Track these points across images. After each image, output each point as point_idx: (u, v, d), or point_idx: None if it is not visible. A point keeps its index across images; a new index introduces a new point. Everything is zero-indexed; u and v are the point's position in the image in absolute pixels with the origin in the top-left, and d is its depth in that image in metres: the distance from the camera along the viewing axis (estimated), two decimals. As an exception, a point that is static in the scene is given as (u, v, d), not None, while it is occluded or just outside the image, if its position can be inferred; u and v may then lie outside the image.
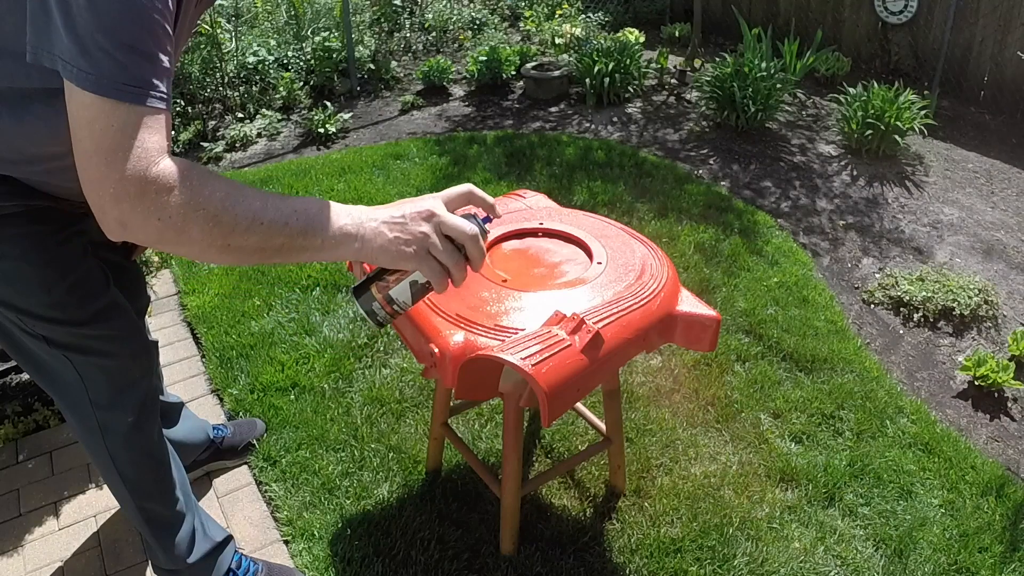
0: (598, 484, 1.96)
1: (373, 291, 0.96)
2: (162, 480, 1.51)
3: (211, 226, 0.83)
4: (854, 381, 2.37)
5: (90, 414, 1.37)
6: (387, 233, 0.91)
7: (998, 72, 4.52)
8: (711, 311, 1.41)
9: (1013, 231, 3.35)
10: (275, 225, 0.86)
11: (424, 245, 0.92)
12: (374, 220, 0.92)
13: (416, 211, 0.93)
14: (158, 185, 0.81)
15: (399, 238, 0.91)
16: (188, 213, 0.82)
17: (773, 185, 3.70)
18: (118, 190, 0.81)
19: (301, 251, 0.89)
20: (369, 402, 2.21)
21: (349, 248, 0.90)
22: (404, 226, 0.92)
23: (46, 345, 1.26)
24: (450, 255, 0.93)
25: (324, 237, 0.89)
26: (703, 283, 2.83)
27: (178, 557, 1.55)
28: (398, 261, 0.92)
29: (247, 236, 0.85)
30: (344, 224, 0.90)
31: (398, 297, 0.96)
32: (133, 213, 0.82)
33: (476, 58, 4.87)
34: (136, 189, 0.81)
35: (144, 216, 0.82)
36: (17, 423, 2.15)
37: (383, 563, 1.74)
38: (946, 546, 1.85)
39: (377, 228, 0.91)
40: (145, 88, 0.83)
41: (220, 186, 0.85)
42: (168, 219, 0.82)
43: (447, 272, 0.94)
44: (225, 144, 4.04)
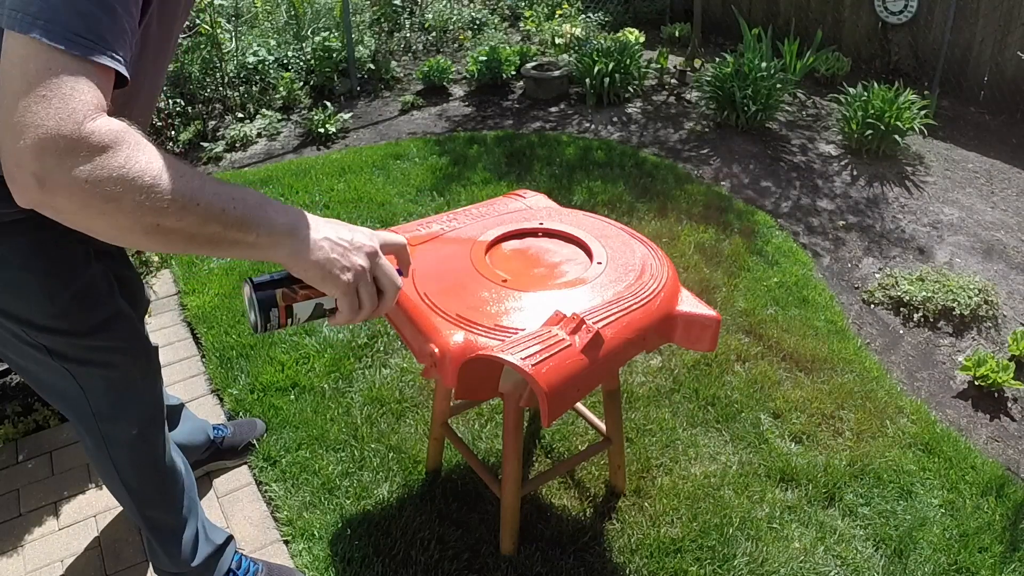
0: (598, 484, 1.96)
1: (278, 297, 0.90)
2: (167, 489, 1.50)
3: (143, 198, 0.74)
4: (854, 381, 2.37)
5: (93, 425, 1.34)
6: (328, 251, 0.86)
7: (998, 72, 4.52)
8: (711, 311, 1.41)
9: (1013, 231, 3.35)
10: (212, 210, 0.79)
11: (358, 279, 0.89)
12: (317, 231, 0.87)
13: (362, 243, 0.89)
14: (92, 141, 0.72)
15: (337, 261, 0.87)
16: (123, 179, 0.73)
17: (773, 185, 3.70)
18: (43, 140, 0.70)
19: (232, 245, 0.82)
20: (369, 402, 2.21)
21: (282, 251, 0.85)
22: (346, 252, 0.88)
23: (47, 356, 1.22)
24: (371, 297, 0.91)
25: (260, 233, 0.83)
26: (703, 283, 2.83)
27: (182, 561, 1.54)
28: (325, 282, 0.87)
29: (180, 217, 0.77)
30: (283, 223, 0.84)
31: (298, 313, 0.92)
32: (58, 170, 0.71)
33: (476, 58, 4.87)
34: (66, 143, 0.71)
35: (69, 175, 0.71)
36: (17, 423, 2.15)
37: (383, 563, 1.74)
38: (946, 546, 1.85)
39: (318, 242, 0.86)
40: (98, 43, 0.75)
41: (159, 156, 0.77)
42: (98, 183, 0.72)
43: (358, 310, 0.91)
44: (225, 144, 4.04)
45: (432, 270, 1.47)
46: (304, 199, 3.41)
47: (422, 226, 1.64)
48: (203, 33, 4.21)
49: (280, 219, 0.84)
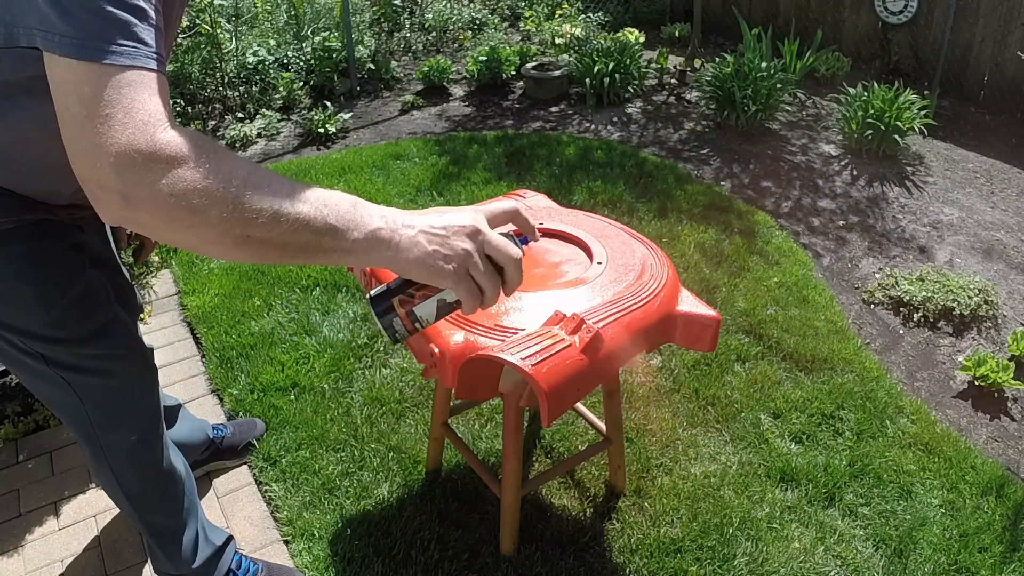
0: (598, 484, 1.96)
1: (395, 305, 0.86)
2: (168, 493, 1.49)
3: (231, 209, 0.70)
4: (854, 381, 2.37)
5: (91, 433, 1.33)
6: (425, 245, 0.80)
7: (998, 72, 4.52)
8: (711, 311, 1.41)
9: (1013, 231, 3.35)
10: (302, 218, 0.74)
11: (465, 264, 0.82)
12: (411, 227, 0.81)
13: (460, 224, 0.82)
14: (169, 153, 0.69)
15: (438, 252, 0.81)
16: (208, 190, 0.70)
17: (773, 185, 3.70)
18: (121, 157, 0.68)
19: (327, 252, 0.78)
20: (369, 402, 2.21)
21: (380, 255, 0.80)
22: (445, 240, 0.81)
23: (44, 365, 1.21)
24: (490, 277, 0.83)
25: (355, 239, 0.78)
26: (703, 283, 2.83)
27: (182, 563, 1.54)
28: (433, 277, 0.82)
29: (270, 227, 0.73)
30: (378, 227, 0.79)
31: (422, 315, 0.87)
32: (141, 185, 0.68)
33: (476, 58, 4.87)
34: (144, 156, 0.68)
35: (153, 189, 0.68)
36: (17, 423, 2.15)
37: (383, 563, 1.74)
38: (946, 546, 1.85)
39: (414, 238, 0.80)
40: (140, 47, 0.72)
41: (242, 163, 0.74)
42: (183, 195, 0.69)
43: (481, 294, 0.84)
44: (225, 144, 4.04)
45: (432, 270, 1.47)
46: (304, 199, 3.41)
47: (422, 226, 1.64)
48: (203, 33, 4.21)
49: (373, 223, 0.79)
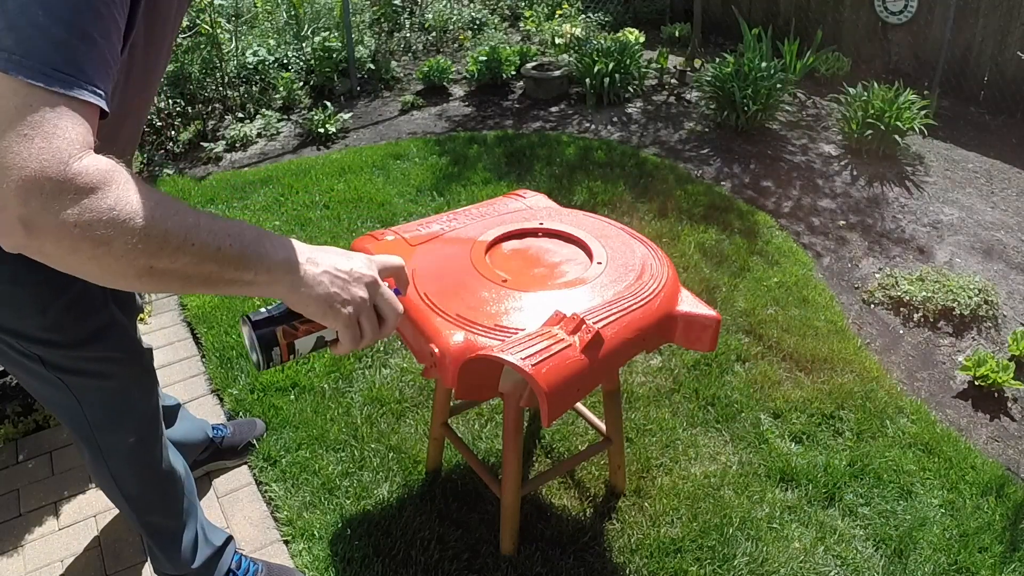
0: (598, 484, 1.96)
1: (279, 335, 0.88)
2: (167, 495, 1.49)
3: (136, 241, 0.70)
4: (854, 381, 2.37)
5: (89, 435, 1.33)
6: (328, 285, 0.84)
7: (998, 72, 4.52)
8: (711, 311, 1.41)
9: (1013, 231, 3.35)
10: (207, 249, 0.75)
11: (359, 311, 0.87)
12: (315, 265, 0.84)
13: (361, 272, 0.88)
14: (80, 183, 0.67)
15: (337, 295, 0.84)
16: (113, 221, 0.69)
17: (773, 185, 3.70)
18: (28, 182, 0.66)
19: (229, 284, 0.78)
20: (369, 402, 2.21)
21: (281, 288, 0.82)
22: (347, 284, 0.85)
23: (41, 367, 1.21)
24: (373, 327, 0.89)
25: (258, 271, 0.79)
26: (703, 283, 2.83)
27: (182, 563, 1.54)
28: (327, 316, 0.85)
29: (175, 258, 0.73)
30: (283, 259, 0.81)
31: (300, 348, 0.90)
32: (44, 213, 0.66)
33: (476, 58, 4.87)
34: (52, 184, 0.66)
35: (57, 219, 0.67)
36: (17, 423, 2.15)
37: (383, 563, 1.74)
38: (946, 546, 1.85)
39: (317, 276, 0.84)
40: (77, 76, 0.71)
41: (151, 194, 0.73)
42: (87, 226, 0.68)
43: (359, 340, 0.89)
44: (225, 144, 4.04)
45: (432, 270, 1.47)
46: (304, 199, 3.41)
47: (422, 226, 1.64)
48: (203, 33, 4.21)
49: (278, 255, 0.81)
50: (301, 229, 3.15)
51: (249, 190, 3.51)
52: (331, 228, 3.15)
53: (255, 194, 3.47)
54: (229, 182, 3.60)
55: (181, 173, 3.76)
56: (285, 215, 3.28)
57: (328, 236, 3.08)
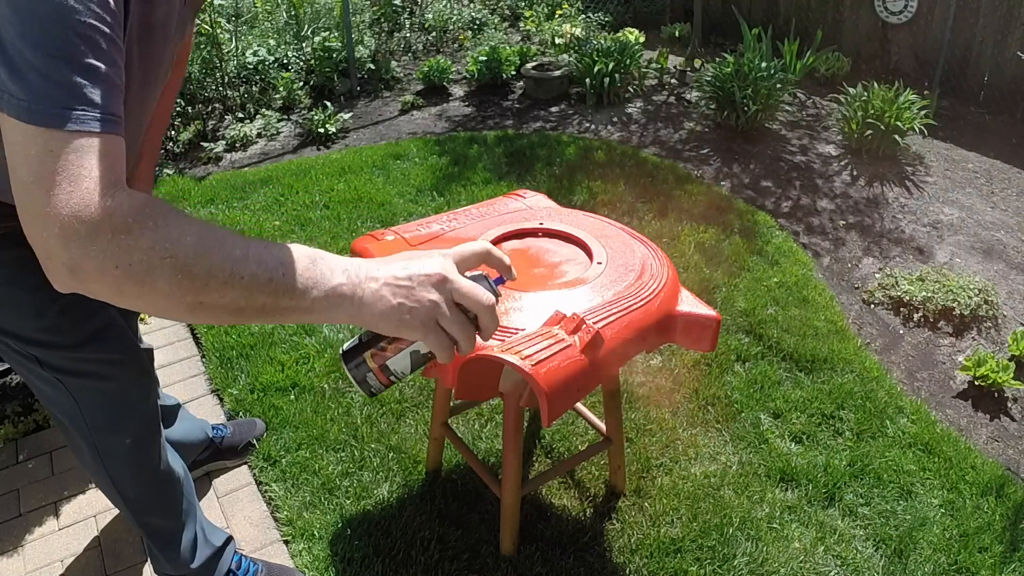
0: (598, 484, 1.96)
1: (367, 359, 0.83)
2: (165, 496, 1.49)
3: (180, 277, 0.69)
4: (854, 381, 2.37)
5: (87, 436, 1.33)
6: (390, 299, 0.77)
7: (998, 72, 4.52)
8: (711, 311, 1.41)
9: (1013, 231, 3.35)
10: (257, 280, 0.72)
11: (433, 315, 0.78)
12: (374, 280, 0.78)
13: (425, 274, 0.79)
14: (114, 223, 0.67)
15: (403, 305, 0.77)
16: (153, 260, 0.68)
17: (773, 185, 3.70)
18: (66, 229, 0.66)
19: (286, 312, 0.75)
20: (369, 402, 2.21)
21: (344, 312, 0.77)
22: (411, 291, 0.78)
23: (39, 367, 1.21)
24: (462, 327, 0.80)
25: (314, 298, 0.75)
26: (703, 283, 2.83)
27: (181, 563, 1.54)
28: (401, 330, 0.79)
29: (224, 292, 0.71)
30: (339, 284, 0.76)
31: (396, 368, 0.84)
32: (86, 257, 0.67)
33: (476, 58, 4.87)
34: (88, 228, 0.67)
35: (99, 261, 0.67)
36: (17, 423, 2.15)
37: (383, 563, 1.74)
38: (946, 546, 1.85)
39: (378, 291, 0.77)
40: (87, 110, 0.70)
41: (191, 228, 0.71)
42: (128, 267, 0.67)
43: (455, 344, 0.81)
44: (225, 144, 4.04)
45: (432, 270, 1.47)
46: (304, 199, 3.41)
47: (422, 226, 1.64)
48: (203, 33, 4.21)
49: (334, 279, 0.76)
50: (301, 229, 3.16)
51: (249, 190, 3.51)
52: (331, 228, 3.15)
53: (255, 194, 3.47)
54: (229, 182, 3.60)
55: (181, 173, 3.76)
56: (285, 215, 3.28)
57: (328, 236, 3.08)
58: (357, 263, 0.79)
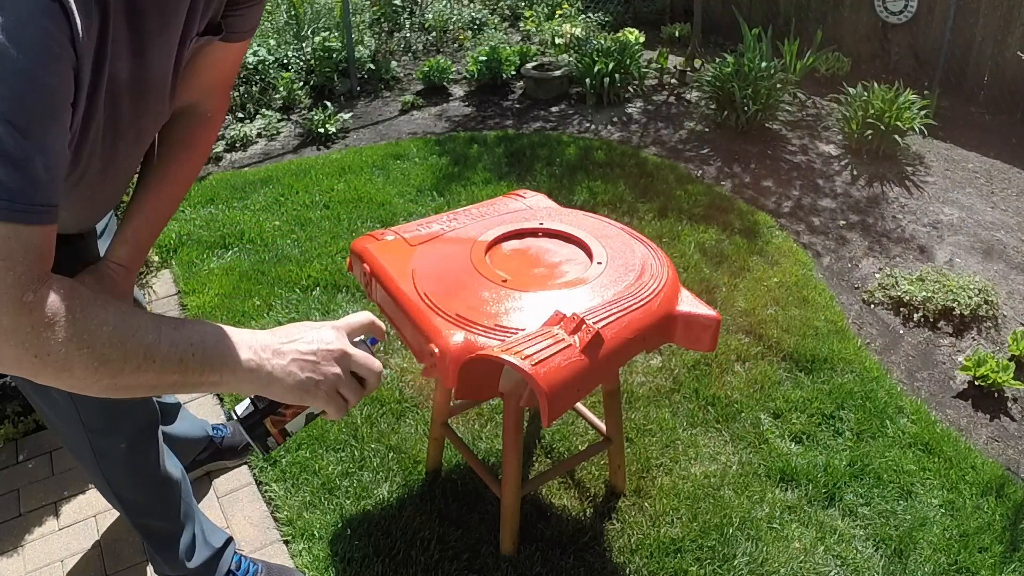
0: (598, 484, 1.96)
1: (268, 426, 0.91)
2: (161, 499, 1.49)
3: (97, 365, 0.73)
4: (854, 381, 2.37)
5: (83, 438, 1.33)
6: (298, 373, 0.84)
7: (998, 72, 4.52)
8: (711, 311, 1.41)
9: (1013, 231, 3.35)
10: (169, 362, 0.77)
11: (336, 385, 0.86)
12: (281, 356, 0.84)
13: (327, 349, 0.86)
14: (35, 317, 0.70)
15: (311, 379, 0.85)
16: (71, 351, 0.72)
17: (773, 185, 3.70)
18: None
19: (197, 386, 0.81)
20: (369, 402, 2.21)
21: (251, 385, 0.83)
22: (316, 366, 0.85)
23: None
24: (355, 391, 0.89)
25: (223, 374, 0.81)
26: (703, 283, 2.83)
27: (179, 565, 1.55)
28: (304, 400, 0.86)
29: (137, 375, 0.76)
30: (247, 359, 0.82)
31: (292, 429, 0.93)
32: (5, 345, 0.70)
33: (476, 58, 4.87)
34: (9, 321, 0.69)
35: (18, 350, 0.70)
36: (17, 423, 2.15)
37: (383, 563, 1.74)
38: (946, 546, 1.85)
39: (286, 368, 0.84)
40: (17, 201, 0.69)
41: (108, 317, 0.74)
42: (47, 356, 0.71)
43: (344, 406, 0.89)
44: (225, 144, 4.04)
45: (432, 270, 1.47)
46: (304, 199, 3.41)
47: (422, 226, 1.64)
48: (203, 33, 4.21)
49: (241, 355, 0.81)
50: (301, 229, 3.16)
51: (249, 190, 3.51)
52: (331, 228, 3.15)
53: (255, 194, 3.47)
54: (229, 182, 3.60)
55: (181, 173, 3.76)
56: (285, 215, 3.28)
57: (328, 236, 3.08)
58: (260, 338, 0.85)
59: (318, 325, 0.89)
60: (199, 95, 1.17)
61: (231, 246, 3.02)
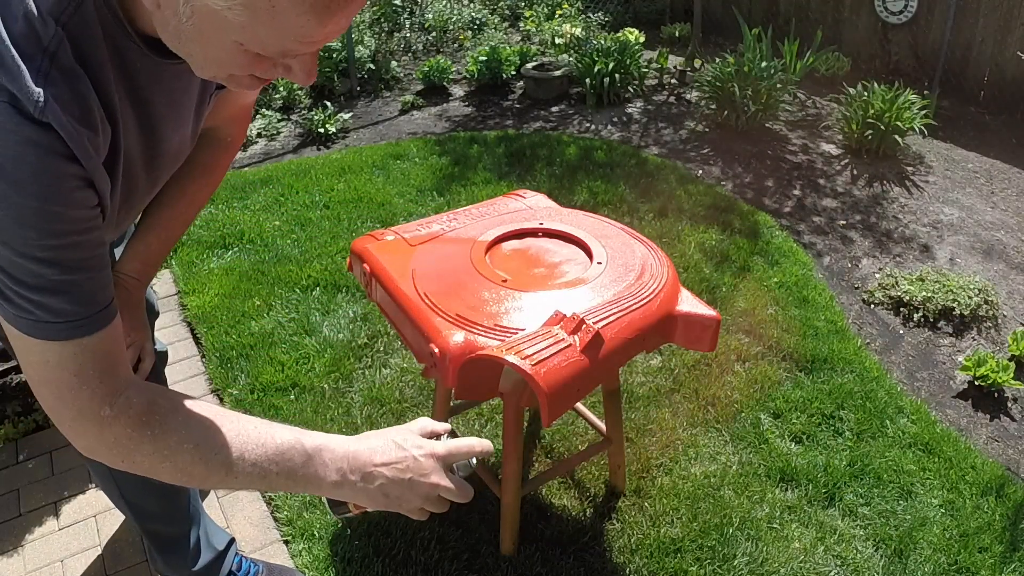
0: (598, 484, 1.96)
1: (351, 507, 0.88)
2: (171, 503, 1.49)
3: (180, 475, 0.76)
4: (854, 381, 2.37)
5: None
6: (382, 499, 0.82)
7: (998, 72, 4.52)
8: (711, 311, 1.41)
9: (1013, 231, 3.35)
10: (251, 478, 0.77)
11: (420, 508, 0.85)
12: (370, 481, 0.81)
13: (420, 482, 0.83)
14: (116, 432, 0.73)
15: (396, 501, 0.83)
16: (155, 464, 0.75)
17: (773, 185, 3.70)
18: (72, 431, 0.74)
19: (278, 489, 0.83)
20: (369, 402, 2.21)
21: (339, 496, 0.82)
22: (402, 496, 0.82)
23: None
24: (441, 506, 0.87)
25: (308, 490, 0.81)
26: (703, 283, 2.83)
27: (182, 567, 1.55)
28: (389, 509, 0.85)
29: (221, 485, 0.78)
30: (334, 482, 0.80)
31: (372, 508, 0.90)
32: (98, 450, 0.75)
33: (476, 58, 4.87)
34: (94, 429, 0.73)
35: (108, 454, 0.75)
36: (17, 423, 2.15)
37: (383, 563, 1.74)
38: (946, 546, 1.85)
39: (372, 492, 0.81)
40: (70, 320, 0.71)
41: (189, 435, 0.75)
42: (132, 465, 0.75)
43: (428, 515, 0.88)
44: (225, 144, 4.04)
45: (432, 270, 1.47)
46: (304, 199, 3.41)
47: (422, 226, 1.64)
48: (203, 33, 4.21)
49: (328, 477, 0.79)
50: (301, 229, 3.16)
51: (249, 190, 3.51)
52: (331, 228, 3.15)
53: (255, 194, 3.47)
54: (229, 182, 3.60)
55: (181, 173, 3.76)
56: (285, 215, 3.28)
57: (328, 236, 3.08)
58: (352, 453, 0.81)
59: (419, 445, 0.84)
60: (221, 122, 1.17)
61: (231, 246, 3.02)
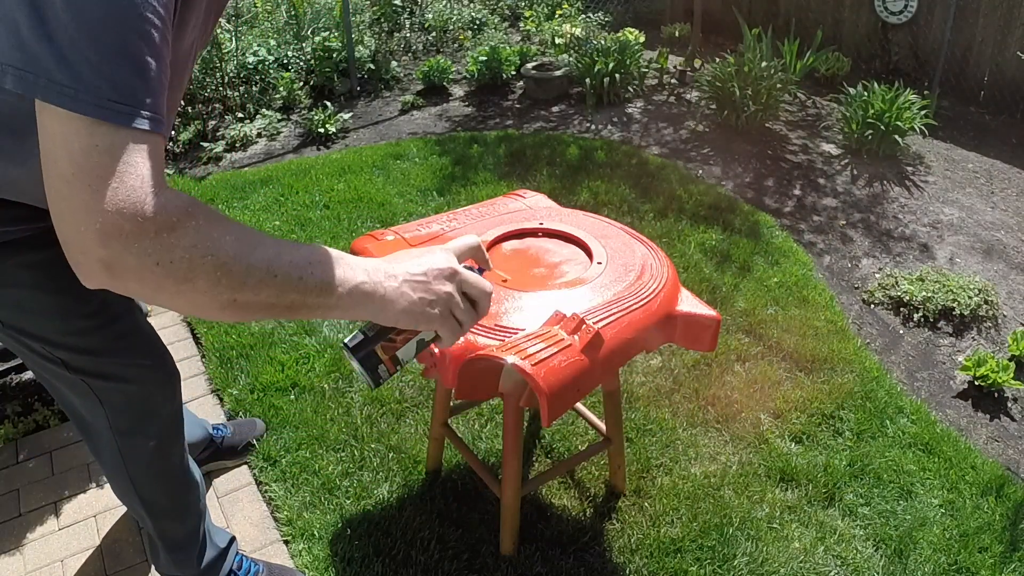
0: (598, 484, 1.96)
1: (378, 352, 0.88)
2: (182, 501, 1.49)
3: (219, 275, 0.70)
4: (854, 381, 2.37)
5: (110, 439, 1.33)
6: (411, 294, 0.83)
7: (998, 72, 4.52)
8: (711, 311, 1.41)
9: (1013, 231, 3.35)
10: (289, 279, 0.75)
11: (449, 306, 0.85)
12: (394, 278, 0.83)
13: (438, 268, 0.85)
14: (159, 222, 0.67)
15: (424, 299, 0.83)
16: (195, 258, 0.69)
17: (773, 185, 3.70)
18: (108, 226, 0.66)
19: (313, 309, 0.78)
20: (369, 402, 2.21)
21: (365, 310, 0.81)
22: (428, 286, 0.84)
23: (65, 370, 1.20)
24: (469, 313, 0.88)
25: (340, 295, 0.78)
26: (703, 283, 2.83)
27: (187, 566, 1.55)
28: (420, 323, 0.85)
29: (258, 290, 0.73)
30: (361, 282, 0.80)
31: (404, 357, 0.90)
32: (126, 254, 0.66)
33: (476, 58, 4.87)
34: (133, 225, 0.66)
35: (140, 259, 0.67)
36: (17, 423, 2.15)
37: (383, 563, 1.74)
38: (946, 546, 1.85)
39: (399, 289, 0.82)
40: (136, 107, 0.68)
41: (231, 228, 0.72)
42: (170, 264, 0.68)
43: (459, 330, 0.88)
44: (225, 144, 4.04)
45: (432, 270, 1.47)
46: (304, 199, 3.41)
47: (422, 226, 1.64)
48: (203, 33, 4.21)
49: (356, 277, 0.80)
50: (301, 229, 3.15)
51: (249, 190, 3.51)
52: (331, 228, 3.15)
53: (255, 194, 3.47)
54: (229, 182, 3.60)
55: (181, 173, 3.76)
56: (285, 215, 3.28)
57: (328, 236, 3.08)
58: (374, 263, 0.84)
59: (427, 248, 0.89)
60: None
61: (231, 246, 3.02)
